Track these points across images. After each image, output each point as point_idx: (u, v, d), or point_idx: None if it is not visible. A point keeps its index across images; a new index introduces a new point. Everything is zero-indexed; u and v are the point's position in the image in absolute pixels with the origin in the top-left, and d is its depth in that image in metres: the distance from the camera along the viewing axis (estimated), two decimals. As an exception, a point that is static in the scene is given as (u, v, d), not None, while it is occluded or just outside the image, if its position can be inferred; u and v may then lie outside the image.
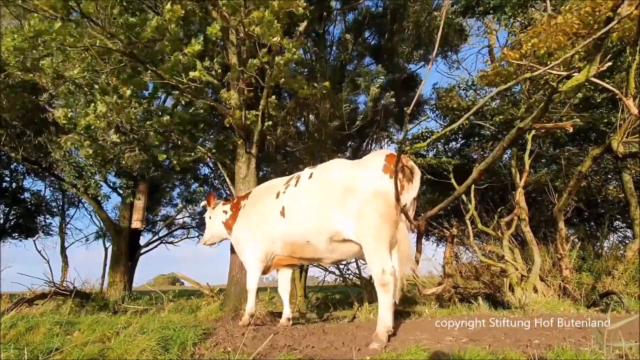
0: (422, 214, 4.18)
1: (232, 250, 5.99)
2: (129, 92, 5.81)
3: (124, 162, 7.70)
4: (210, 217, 5.56)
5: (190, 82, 5.71)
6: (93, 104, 5.88)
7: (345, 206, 3.80)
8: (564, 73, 3.16)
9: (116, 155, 7.39)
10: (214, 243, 5.73)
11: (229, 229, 5.21)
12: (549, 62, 5.25)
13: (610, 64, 3.07)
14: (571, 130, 3.18)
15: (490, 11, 7.59)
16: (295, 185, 4.39)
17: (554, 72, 3.43)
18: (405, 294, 6.58)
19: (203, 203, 5.93)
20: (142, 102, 6.41)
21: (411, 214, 3.86)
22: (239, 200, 5.32)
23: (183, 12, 5.29)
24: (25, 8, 5.36)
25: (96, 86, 6.02)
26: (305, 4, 5.36)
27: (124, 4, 5.61)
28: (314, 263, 5.00)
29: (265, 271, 4.91)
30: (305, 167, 4.74)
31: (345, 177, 3.91)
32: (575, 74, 3.21)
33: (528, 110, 7.15)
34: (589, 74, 3.02)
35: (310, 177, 4.29)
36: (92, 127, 6.10)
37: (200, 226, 14.34)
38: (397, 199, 3.49)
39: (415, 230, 4.04)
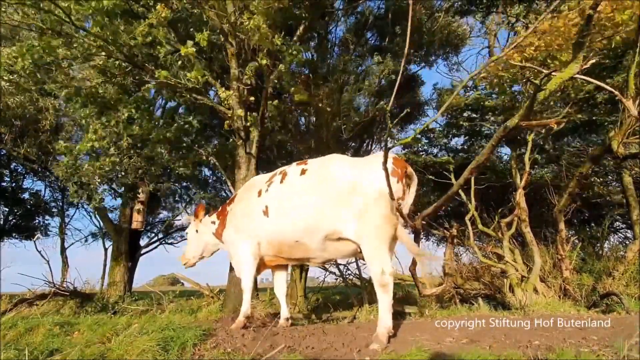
0: (419, 213, 4.16)
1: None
2: (126, 113, 5.94)
3: (123, 173, 7.73)
4: (197, 231, 5.15)
5: (188, 83, 5.72)
6: (93, 126, 5.99)
7: (348, 204, 3.71)
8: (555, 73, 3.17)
9: (118, 167, 7.42)
10: (196, 262, 5.25)
11: (220, 238, 4.97)
12: (550, 64, 5.29)
13: (593, 61, 3.12)
14: (556, 127, 3.21)
15: (493, 9, 7.59)
16: (281, 182, 4.23)
17: (545, 71, 3.46)
18: (404, 294, 6.60)
19: (186, 217, 5.47)
20: (142, 116, 6.47)
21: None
22: (224, 207, 5.08)
23: (170, 13, 5.31)
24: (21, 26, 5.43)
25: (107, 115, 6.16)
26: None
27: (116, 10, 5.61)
28: (305, 263, 4.81)
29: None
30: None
31: (349, 175, 3.81)
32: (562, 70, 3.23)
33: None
34: (572, 71, 3.06)
35: (303, 173, 4.11)
36: (97, 147, 6.19)
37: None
38: (392, 197, 3.47)
39: (412, 230, 4.03)
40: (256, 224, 4.34)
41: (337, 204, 3.78)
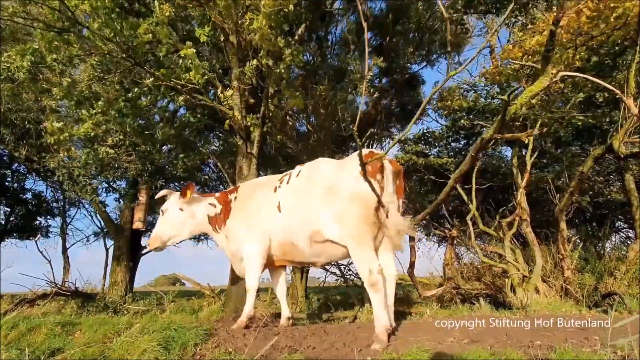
0: (411, 219, 4.15)
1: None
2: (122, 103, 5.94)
3: (121, 168, 7.76)
4: (181, 209, 4.70)
5: (188, 83, 5.73)
6: (91, 111, 5.97)
7: (328, 206, 3.77)
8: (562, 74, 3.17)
9: (114, 161, 7.45)
10: (169, 245, 4.85)
11: (218, 225, 4.77)
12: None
13: (562, 73, 3.16)
14: (526, 141, 3.26)
15: (492, 10, 7.60)
16: (287, 182, 4.32)
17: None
18: (405, 295, 6.59)
19: (164, 192, 4.87)
20: (141, 111, 6.48)
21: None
22: (226, 194, 4.90)
23: (172, 11, 5.32)
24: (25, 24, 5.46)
25: (100, 100, 6.12)
26: (295, 0, 5.34)
27: (118, 8, 5.62)
28: (309, 266, 4.83)
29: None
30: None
31: (328, 177, 3.87)
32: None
33: (530, 109, 7.11)
34: (542, 85, 3.09)
35: (298, 175, 4.22)
36: (91, 135, 6.16)
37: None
38: (379, 201, 3.47)
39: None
40: (269, 220, 4.32)
41: (318, 206, 3.85)
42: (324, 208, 3.80)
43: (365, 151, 3.82)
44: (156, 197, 5.12)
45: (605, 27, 4.93)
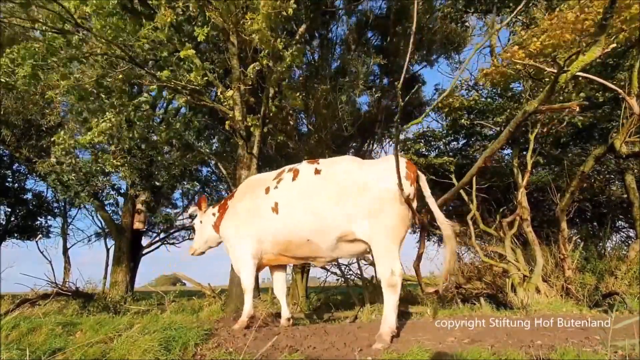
0: (424, 208, 4.12)
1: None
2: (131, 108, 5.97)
3: (121, 174, 7.80)
4: (201, 222, 5.21)
5: (189, 84, 5.74)
6: (96, 120, 6.01)
7: (359, 204, 3.71)
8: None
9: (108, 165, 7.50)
10: (204, 252, 5.34)
11: (217, 230, 4.98)
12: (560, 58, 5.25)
13: (614, 45, 3.09)
14: (577, 109, 3.17)
15: (493, 10, 7.59)
16: (293, 179, 4.19)
17: (548, 69, 3.46)
18: (405, 294, 6.59)
19: (192, 209, 5.50)
20: (142, 114, 6.51)
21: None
22: (226, 201, 5.06)
23: (174, 17, 5.34)
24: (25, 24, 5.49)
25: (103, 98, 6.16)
26: (295, 5, 5.35)
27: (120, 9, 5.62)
28: (308, 262, 4.75)
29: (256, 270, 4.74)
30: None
31: (361, 175, 3.82)
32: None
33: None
34: (594, 54, 3.05)
35: (317, 172, 4.07)
36: (97, 142, 6.21)
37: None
38: (400, 187, 3.50)
39: (419, 225, 4.01)
40: (263, 221, 4.28)
41: (350, 204, 3.77)
42: (355, 206, 3.73)
43: (405, 159, 3.98)
44: (187, 213, 5.59)
45: (611, 29, 4.91)
